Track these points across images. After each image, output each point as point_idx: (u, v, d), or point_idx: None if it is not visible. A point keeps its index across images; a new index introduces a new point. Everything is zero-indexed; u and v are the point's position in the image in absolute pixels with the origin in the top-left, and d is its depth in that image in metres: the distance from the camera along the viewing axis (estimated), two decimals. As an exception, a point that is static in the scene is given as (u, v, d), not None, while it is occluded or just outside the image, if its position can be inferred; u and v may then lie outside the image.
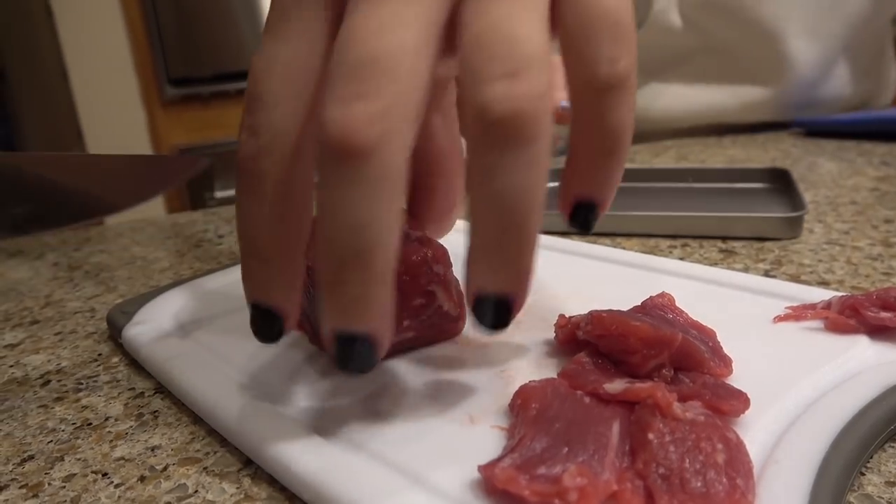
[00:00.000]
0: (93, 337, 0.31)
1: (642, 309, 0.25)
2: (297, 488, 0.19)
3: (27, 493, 0.20)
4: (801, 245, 0.39)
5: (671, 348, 0.21)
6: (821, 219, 0.44)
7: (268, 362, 0.25)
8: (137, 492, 0.20)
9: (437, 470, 0.18)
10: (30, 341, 0.31)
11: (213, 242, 0.47)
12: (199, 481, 0.20)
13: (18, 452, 0.22)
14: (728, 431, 0.18)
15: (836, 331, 0.25)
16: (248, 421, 0.21)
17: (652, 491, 0.16)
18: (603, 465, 0.17)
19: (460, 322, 0.26)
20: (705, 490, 0.16)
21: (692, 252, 0.38)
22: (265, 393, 0.23)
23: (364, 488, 0.17)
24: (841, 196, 0.49)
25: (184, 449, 0.22)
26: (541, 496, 0.16)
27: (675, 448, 0.17)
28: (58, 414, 0.24)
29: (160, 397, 0.25)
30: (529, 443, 0.18)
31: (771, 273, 0.34)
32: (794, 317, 0.26)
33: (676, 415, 0.18)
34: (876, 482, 0.19)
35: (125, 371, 0.28)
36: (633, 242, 0.41)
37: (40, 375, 0.28)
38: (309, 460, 0.19)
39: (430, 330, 0.25)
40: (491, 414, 0.21)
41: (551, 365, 0.24)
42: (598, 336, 0.22)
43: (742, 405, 0.19)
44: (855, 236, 0.40)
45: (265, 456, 0.20)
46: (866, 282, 0.32)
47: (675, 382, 0.21)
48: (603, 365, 0.22)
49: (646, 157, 0.72)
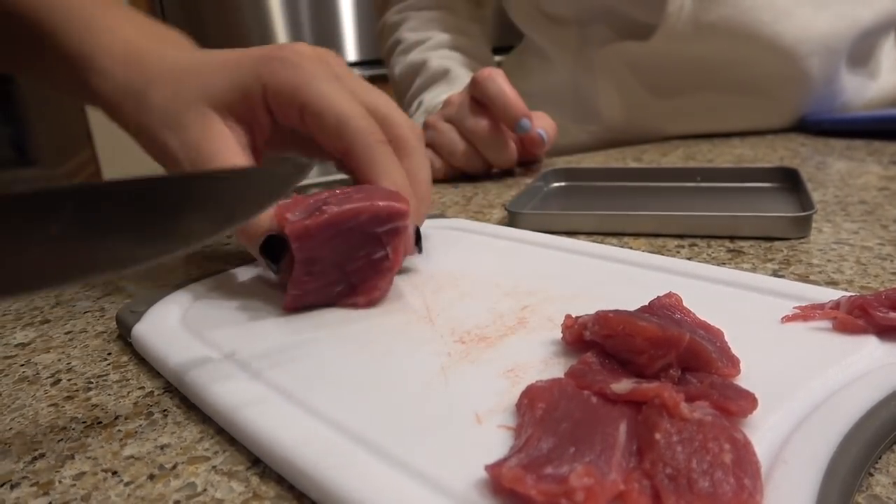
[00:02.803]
0: (103, 336, 0.32)
1: (649, 309, 0.25)
2: (305, 486, 0.19)
3: (38, 492, 0.20)
4: (809, 245, 0.38)
5: (678, 348, 0.21)
6: (830, 218, 0.43)
7: (277, 361, 0.25)
8: (147, 490, 0.20)
9: (443, 469, 0.18)
10: (40, 340, 0.32)
11: (222, 243, 0.47)
12: (207, 480, 0.20)
13: (29, 451, 0.22)
14: (735, 431, 0.18)
15: (844, 331, 0.25)
16: (256, 419, 0.21)
17: (659, 491, 0.16)
18: (610, 465, 0.17)
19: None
20: (713, 490, 0.16)
21: (700, 252, 0.38)
22: (274, 391, 0.23)
23: (370, 487, 0.17)
24: (850, 195, 0.49)
25: (193, 447, 0.22)
26: (547, 496, 0.16)
27: (682, 448, 0.17)
28: (68, 413, 0.25)
29: (169, 396, 0.25)
30: (536, 443, 0.18)
31: (779, 273, 0.34)
32: (803, 317, 0.26)
33: (684, 415, 0.18)
34: (884, 483, 0.19)
35: (134, 370, 0.28)
36: (640, 242, 0.41)
37: (51, 374, 0.28)
38: (317, 459, 0.19)
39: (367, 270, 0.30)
40: (498, 413, 0.21)
41: (558, 365, 0.24)
42: (605, 336, 0.22)
43: (750, 405, 0.19)
44: (864, 236, 0.39)
45: (273, 454, 0.20)
46: (875, 282, 0.32)
47: (682, 382, 0.21)
48: (610, 365, 0.22)
49: (654, 157, 0.72)
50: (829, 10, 0.75)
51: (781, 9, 0.74)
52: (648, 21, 0.76)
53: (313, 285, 0.29)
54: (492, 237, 0.40)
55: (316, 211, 0.28)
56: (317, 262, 0.29)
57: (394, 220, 0.30)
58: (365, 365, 0.25)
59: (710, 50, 0.76)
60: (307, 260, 0.29)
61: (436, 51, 0.84)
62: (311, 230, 0.28)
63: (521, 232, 0.41)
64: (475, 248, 0.39)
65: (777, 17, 0.74)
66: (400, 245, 0.30)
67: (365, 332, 0.28)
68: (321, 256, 0.29)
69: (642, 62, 0.80)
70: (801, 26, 0.74)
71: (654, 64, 0.80)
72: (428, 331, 0.27)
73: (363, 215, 0.29)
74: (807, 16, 0.74)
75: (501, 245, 0.39)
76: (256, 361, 0.25)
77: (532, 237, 0.39)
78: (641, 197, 0.51)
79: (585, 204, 0.52)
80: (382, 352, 0.26)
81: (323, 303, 0.30)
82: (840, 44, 0.77)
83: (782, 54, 0.75)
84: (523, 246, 0.38)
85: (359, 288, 0.30)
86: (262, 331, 0.28)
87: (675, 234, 0.42)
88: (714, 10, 0.73)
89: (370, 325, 0.28)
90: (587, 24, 0.83)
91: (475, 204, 0.54)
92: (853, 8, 0.77)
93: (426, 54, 0.84)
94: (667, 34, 0.75)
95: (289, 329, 0.28)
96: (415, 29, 0.87)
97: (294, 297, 0.29)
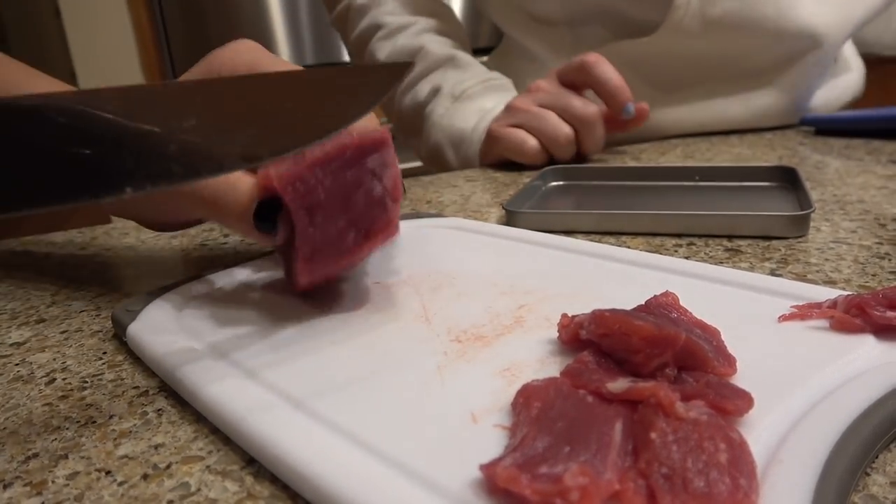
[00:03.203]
0: (98, 335, 0.31)
1: (646, 308, 0.25)
2: (299, 486, 0.19)
3: (31, 491, 0.20)
4: (807, 244, 0.38)
5: (674, 347, 0.21)
6: (828, 217, 0.43)
7: (273, 360, 0.25)
8: (140, 490, 0.20)
9: (438, 468, 0.18)
10: (35, 340, 0.31)
11: (219, 242, 0.47)
12: (201, 479, 0.20)
13: (23, 450, 0.22)
14: (731, 431, 0.18)
15: (841, 330, 0.24)
16: (250, 419, 0.21)
17: (654, 490, 0.16)
18: (605, 464, 0.17)
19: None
20: (708, 490, 0.16)
21: (698, 251, 0.38)
22: (269, 391, 0.23)
23: (364, 486, 0.17)
24: (848, 194, 0.49)
25: (187, 447, 0.22)
26: (542, 495, 0.16)
27: (677, 447, 0.17)
28: (62, 412, 0.25)
29: (164, 396, 0.25)
30: (531, 442, 0.18)
31: (777, 272, 0.34)
32: (800, 316, 0.26)
33: (679, 414, 0.18)
34: (881, 482, 0.18)
35: (130, 369, 0.28)
36: (638, 241, 0.41)
37: (45, 374, 0.28)
38: (311, 459, 0.19)
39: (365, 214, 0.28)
40: (493, 413, 0.21)
41: (554, 364, 0.24)
42: (601, 335, 0.22)
43: (746, 405, 0.19)
44: (862, 235, 0.39)
45: (267, 454, 0.20)
46: (873, 281, 0.32)
47: (678, 382, 0.21)
48: (606, 364, 0.22)
49: (652, 156, 0.72)
50: (829, 3, 0.76)
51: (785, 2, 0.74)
52: (652, 19, 0.76)
53: (321, 237, 0.28)
54: (490, 236, 0.40)
55: (298, 158, 0.27)
56: (316, 209, 0.27)
57: (379, 150, 0.28)
58: (361, 364, 0.25)
59: (713, 44, 0.76)
60: (307, 208, 0.27)
61: (425, 35, 0.83)
62: (300, 173, 0.27)
63: (518, 231, 0.41)
64: (473, 247, 0.38)
65: (780, 11, 0.74)
66: (396, 174, 0.29)
67: (361, 332, 0.28)
68: (319, 202, 0.27)
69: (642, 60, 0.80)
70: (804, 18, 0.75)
71: (655, 60, 0.79)
72: (424, 330, 0.27)
73: (348, 150, 0.27)
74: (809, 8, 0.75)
75: (499, 244, 0.39)
76: (252, 361, 0.25)
77: (530, 236, 0.39)
78: (639, 196, 0.51)
79: (583, 203, 0.52)
80: (378, 351, 0.26)
81: (339, 264, 0.29)
82: (838, 37, 0.78)
83: (785, 45, 0.76)
84: (521, 245, 0.38)
85: (371, 230, 0.29)
86: (257, 330, 0.28)
87: (672, 233, 0.41)
88: (720, 4, 0.73)
89: (366, 325, 0.28)
90: (578, 25, 0.83)
91: (473, 203, 0.54)
92: (849, 1, 0.78)
93: (419, 39, 0.82)
94: (671, 30, 0.75)
95: (284, 328, 0.28)
96: (393, 13, 0.85)
97: (305, 260, 0.28)
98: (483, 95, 0.78)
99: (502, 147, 0.69)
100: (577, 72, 0.67)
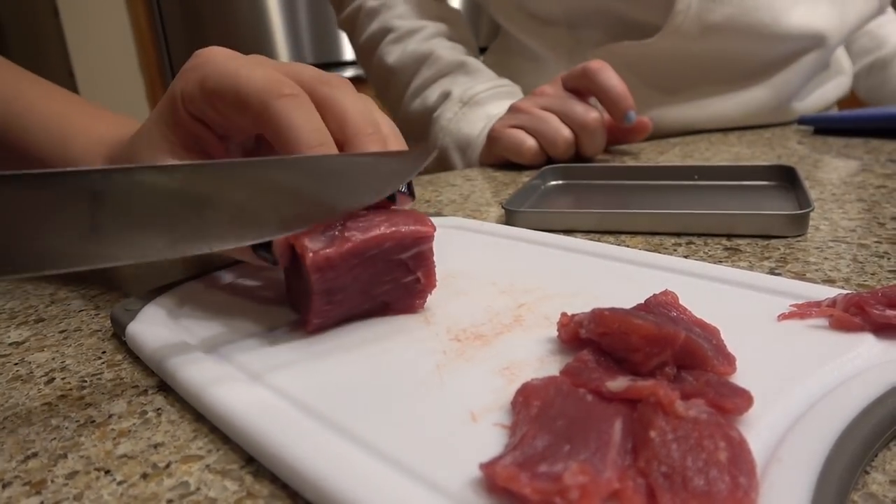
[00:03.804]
0: (97, 335, 0.31)
1: (646, 307, 0.25)
2: (299, 485, 0.19)
3: (30, 491, 0.20)
4: (806, 243, 0.38)
5: (674, 346, 0.21)
6: (827, 216, 0.43)
7: (272, 360, 0.25)
8: (140, 489, 0.20)
9: (438, 467, 0.18)
10: (35, 339, 0.31)
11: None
12: (201, 479, 0.20)
13: (22, 450, 0.22)
14: (731, 429, 0.18)
15: (841, 329, 0.25)
16: (249, 418, 0.21)
17: (654, 489, 0.16)
18: (605, 463, 0.17)
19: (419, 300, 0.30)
20: (707, 488, 0.16)
21: (697, 250, 0.38)
22: (268, 390, 0.23)
23: (364, 485, 0.17)
24: (847, 193, 0.49)
25: (186, 446, 0.22)
26: (542, 494, 0.16)
27: (677, 446, 0.17)
28: (61, 411, 0.25)
29: (163, 395, 0.25)
30: (531, 440, 0.18)
31: (776, 271, 0.34)
32: (799, 315, 0.26)
33: (679, 413, 0.18)
34: (880, 481, 0.18)
35: (129, 368, 0.28)
36: (637, 240, 0.41)
37: (45, 373, 0.28)
38: (311, 458, 0.19)
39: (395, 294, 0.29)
40: (493, 411, 0.21)
41: (554, 363, 0.24)
42: (600, 334, 0.22)
43: (745, 403, 0.19)
44: (861, 234, 0.39)
45: (266, 453, 0.20)
46: (872, 279, 0.32)
47: (677, 380, 0.21)
48: (605, 363, 0.22)
49: (651, 155, 0.72)
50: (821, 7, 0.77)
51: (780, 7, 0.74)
52: (651, 21, 0.76)
53: (336, 312, 0.28)
54: (489, 235, 0.40)
55: (337, 239, 0.27)
56: (338, 291, 0.27)
57: (419, 245, 0.28)
58: (360, 363, 0.25)
59: (710, 47, 0.77)
60: (327, 290, 0.27)
61: (435, 40, 0.84)
62: (333, 261, 0.26)
63: (518, 230, 0.41)
64: (472, 246, 0.38)
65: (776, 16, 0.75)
66: (430, 267, 0.29)
67: (360, 331, 0.28)
68: (343, 285, 0.27)
69: (641, 61, 0.80)
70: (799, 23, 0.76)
71: (654, 62, 0.80)
72: (424, 329, 0.27)
73: (387, 242, 0.27)
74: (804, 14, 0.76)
75: (498, 243, 0.39)
76: (250, 360, 0.25)
77: (529, 235, 0.39)
78: (639, 195, 0.51)
79: (583, 202, 0.52)
80: (378, 350, 0.26)
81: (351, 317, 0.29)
82: (832, 41, 0.79)
83: (779, 49, 0.77)
84: (520, 244, 0.38)
85: (393, 306, 0.29)
86: (256, 330, 0.28)
87: (672, 232, 0.41)
88: (719, 9, 0.73)
89: (366, 324, 0.28)
90: (578, 26, 0.84)
91: (472, 202, 0.54)
92: (843, 5, 0.79)
93: (429, 44, 0.83)
94: (671, 34, 0.75)
95: (283, 328, 0.28)
96: (403, 16, 0.85)
97: (318, 326, 0.28)
98: (491, 102, 0.78)
99: (501, 147, 0.69)
100: (581, 78, 0.67)
